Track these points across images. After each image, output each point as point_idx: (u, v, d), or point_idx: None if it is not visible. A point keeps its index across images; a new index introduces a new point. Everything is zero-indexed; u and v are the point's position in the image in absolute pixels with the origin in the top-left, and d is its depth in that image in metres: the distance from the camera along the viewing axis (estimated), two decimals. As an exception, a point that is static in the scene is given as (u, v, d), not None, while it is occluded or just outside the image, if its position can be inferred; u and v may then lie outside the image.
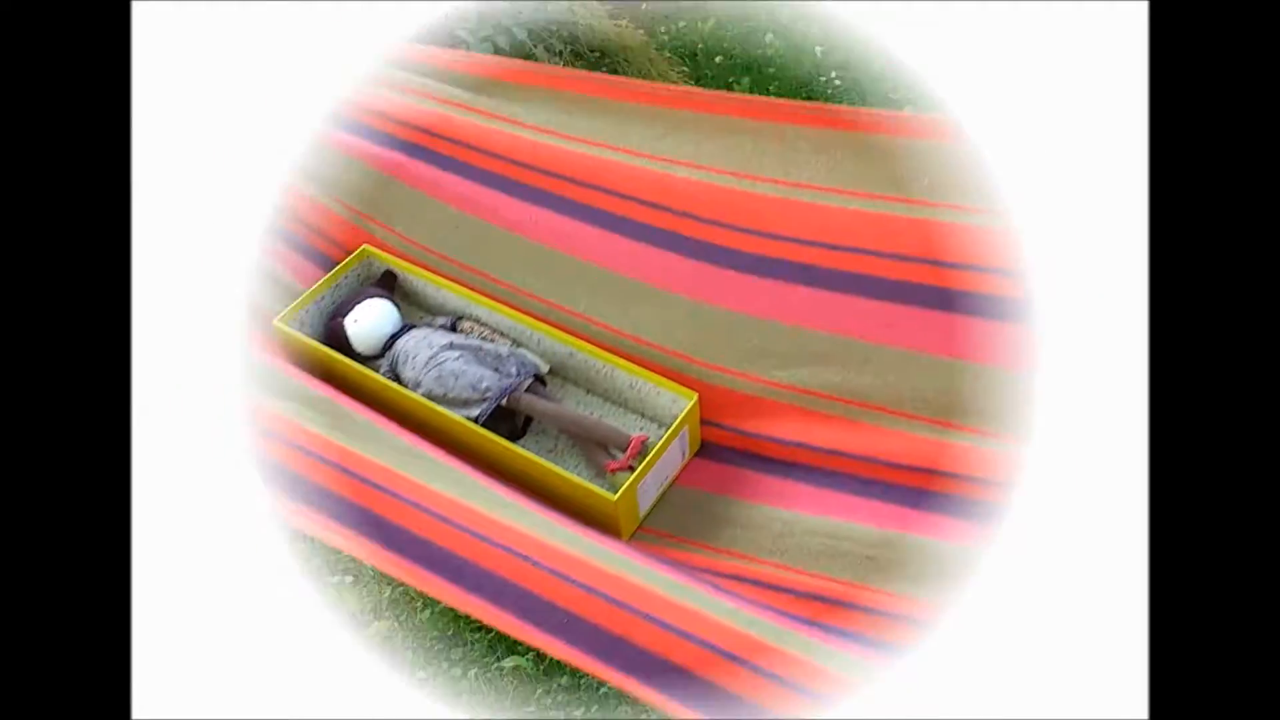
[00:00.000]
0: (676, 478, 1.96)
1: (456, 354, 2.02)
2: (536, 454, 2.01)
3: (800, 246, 1.90)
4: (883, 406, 1.80)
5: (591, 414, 2.07)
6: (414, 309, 2.31)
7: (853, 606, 1.60)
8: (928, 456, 1.74)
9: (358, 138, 2.31)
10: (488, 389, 1.97)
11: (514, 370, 2.01)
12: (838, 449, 1.83)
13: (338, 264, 2.27)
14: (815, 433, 1.85)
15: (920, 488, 1.72)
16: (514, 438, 2.03)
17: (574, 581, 1.48)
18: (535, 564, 1.51)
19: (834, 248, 1.87)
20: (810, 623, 1.55)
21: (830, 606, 1.61)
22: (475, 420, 1.95)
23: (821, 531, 1.74)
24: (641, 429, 2.05)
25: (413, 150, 2.31)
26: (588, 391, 2.12)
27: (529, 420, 2.05)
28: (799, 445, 1.86)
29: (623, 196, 2.09)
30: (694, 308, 1.99)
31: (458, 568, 1.55)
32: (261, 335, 2.17)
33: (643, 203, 2.07)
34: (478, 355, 2.03)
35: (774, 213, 1.93)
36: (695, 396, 1.93)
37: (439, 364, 2.01)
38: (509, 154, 2.20)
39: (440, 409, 1.95)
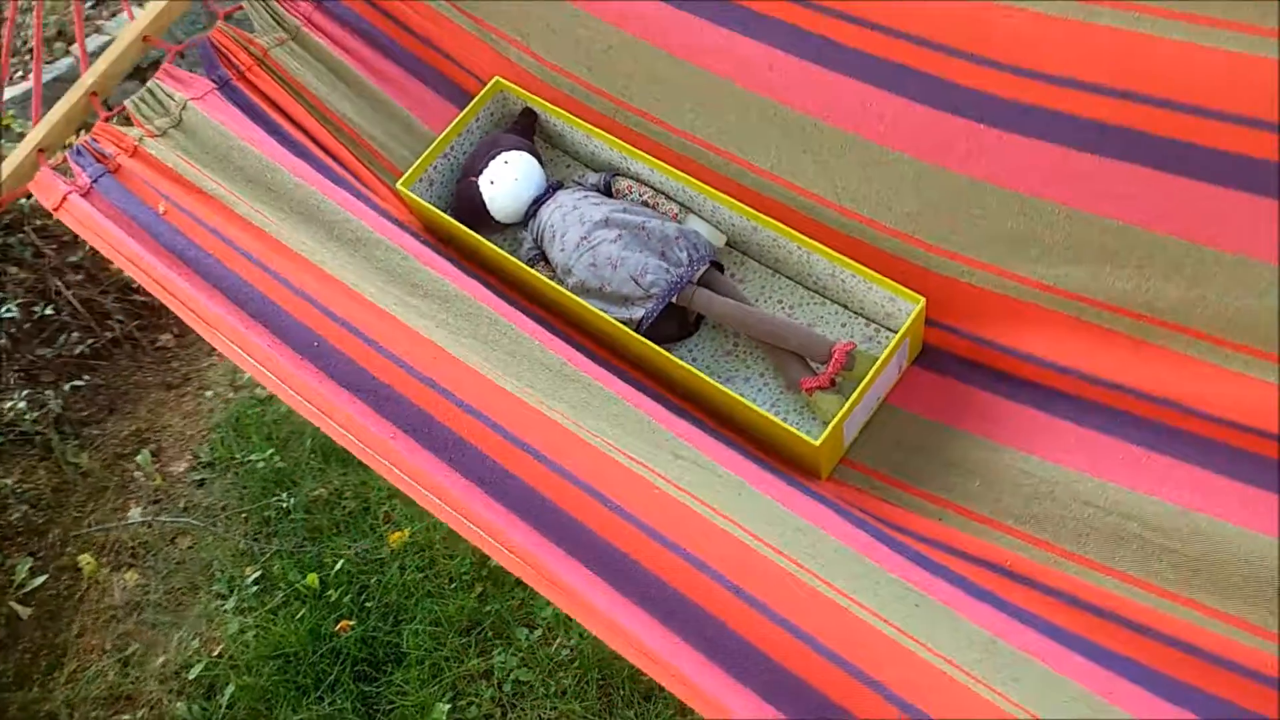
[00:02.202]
0: (889, 394, 1.54)
1: (614, 234, 1.60)
2: (711, 357, 1.62)
3: (1093, 96, 1.33)
4: (1198, 331, 1.29)
5: (781, 313, 1.64)
6: (558, 156, 1.87)
7: (1147, 632, 1.19)
8: (1263, 409, 1.24)
9: None
10: (653, 284, 1.55)
11: (684, 257, 1.58)
12: (1125, 384, 1.34)
13: (469, 98, 1.84)
14: (1093, 357, 1.37)
15: (1253, 453, 1.24)
16: (683, 335, 1.64)
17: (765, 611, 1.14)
18: (729, 587, 1.17)
19: (1143, 99, 1.30)
20: (1083, 646, 1.16)
21: (1107, 624, 1.21)
22: (637, 326, 1.56)
23: (1097, 500, 1.30)
24: (845, 328, 1.61)
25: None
26: (774, 273, 1.68)
27: (701, 316, 1.64)
28: (1068, 371, 1.39)
29: (833, 13, 1.54)
30: (925, 171, 1.48)
31: (626, 573, 1.23)
32: (387, 196, 1.81)
33: (860, 22, 1.52)
34: (639, 236, 1.60)
35: (1054, 41, 1.36)
36: (922, 301, 1.46)
37: (592, 247, 1.60)
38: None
39: (595, 308, 1.57)
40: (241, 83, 1.85)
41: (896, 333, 1.57)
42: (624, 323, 1.56)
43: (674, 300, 1.56)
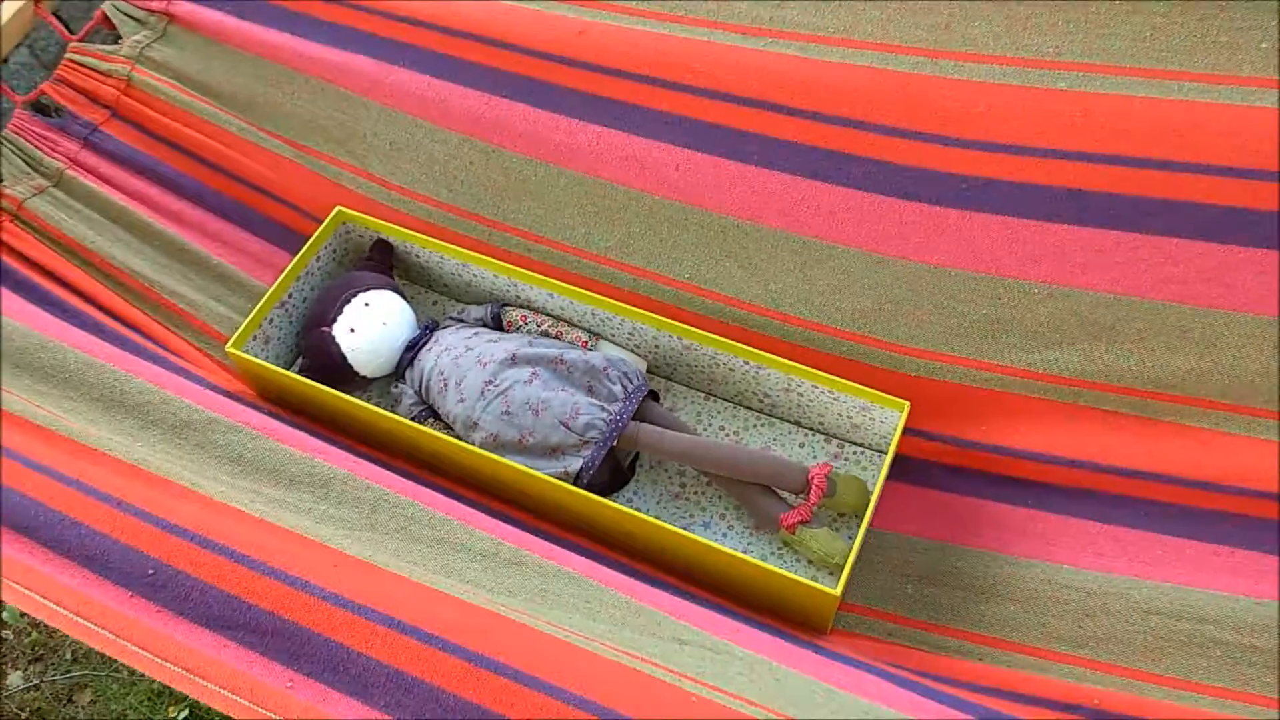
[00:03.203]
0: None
1: (526, 373, 1.31)
2: (657, 502, 1.35)
3: (1059, 162, 1.23)
4: (1214, 401, 1.19)
5: (737, 441, 1.41)
6: (423, 293, 1.57)
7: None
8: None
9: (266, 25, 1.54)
10: (588, 426, 1.28)
11: (618, 390, 1.32)
12: (1144, 469, 1.21)
13: (303, 239, 1.51)
14: (1101, 445, 1.23)
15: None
16: (620, 484, 1.36)
17: None
18: None
19: (1120, 161, 1.21)
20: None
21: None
22: (577, 479, 1.27)
23: (1158, 605, 1.14)
24: (804, 449, 1.39)
25: (379, 48, 1.54)
26: (708, 396, 1.45)
27: (635, 457, 1.38)
28: (1076, 464, 1.25)
29: (741, 101, 1.38)
30: (878, 264, 1.32)
31: None
32: (206, 365, 1.43)
33: (777, 108, 1.36)
34: (558, 371, 1.32)
35: (1004, 109, 1.25)
36: (906, 407, 1.28)
37: (502, 391, 1.31)
38: (549, 47, 1.46)
39: (517, 464, 1.26)
40: (-8, 247, 1.43)
41: (864, 446, 1.38)
42: (557, 478, 1.26)
43: (614, 444, 1.29)
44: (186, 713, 1.93)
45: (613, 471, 1.34)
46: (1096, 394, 1.23)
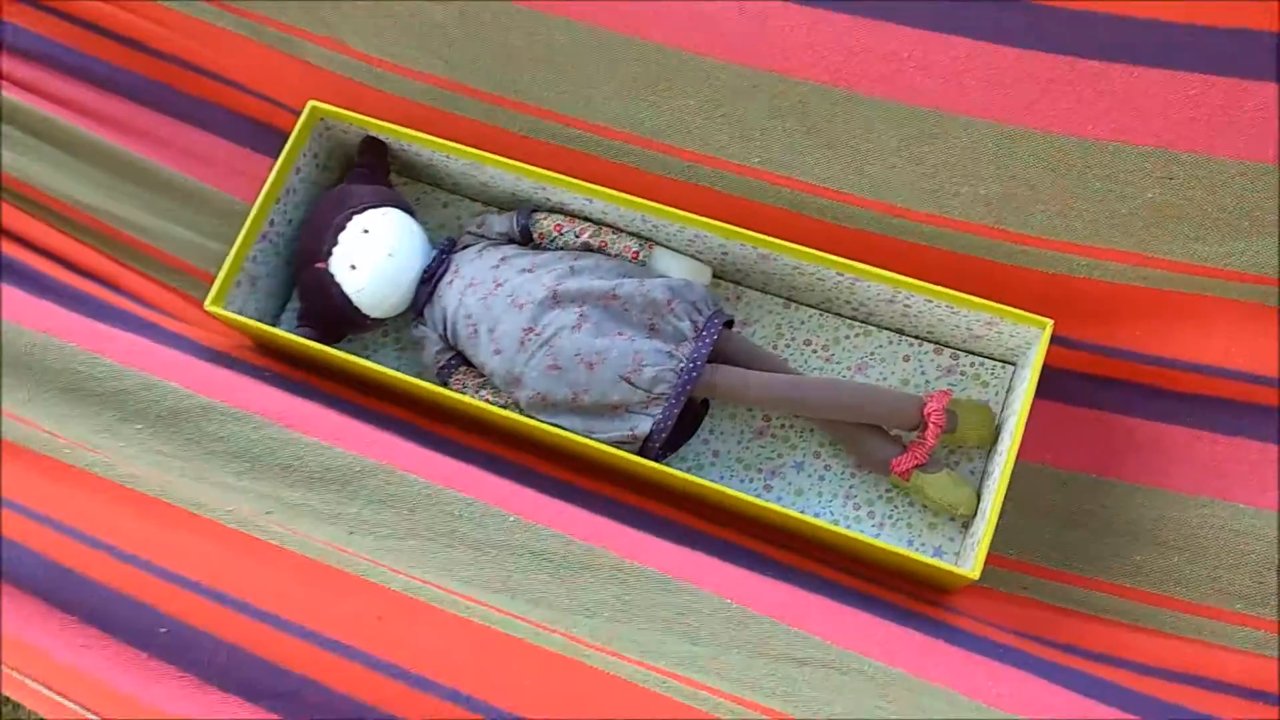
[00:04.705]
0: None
1: (573, 314, 1.07)
2: (739, 445, 1.14)
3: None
4: None
5: (814, 359, 1.17)
6: (428, 193, 1.29)
7: None
8: None
9: None
10: (656, 379, 1.04)
11: (687, 327, 1.07)
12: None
13: (281, 136, 1.22)
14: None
15: None
16: (690, 429, 1.15)
17: None
18: None
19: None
20: None
21: None
22: (648, 448, 1.05)
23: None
24: (910, 362, 1.16)
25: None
26: (788, 303, 1.20)
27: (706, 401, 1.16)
28: (1260, 380, 1.01)
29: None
30: (1005, 140, 1.03)
31: None
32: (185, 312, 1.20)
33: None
34: (612, 310, 1.07)
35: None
36: (1049, 325, 1.03)
37: (546, 341, 1.06)
38: None
39: (572, 431, 1.05)
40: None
41: (985, 356, 1.14)
42: (621, 444, 1.05)
43: (688, 397, 1.06)
44: None
45: (686, 418, 1.12)
46: (1287, 293, 0.98)
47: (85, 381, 1.03)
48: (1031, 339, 1.06)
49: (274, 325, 1.22)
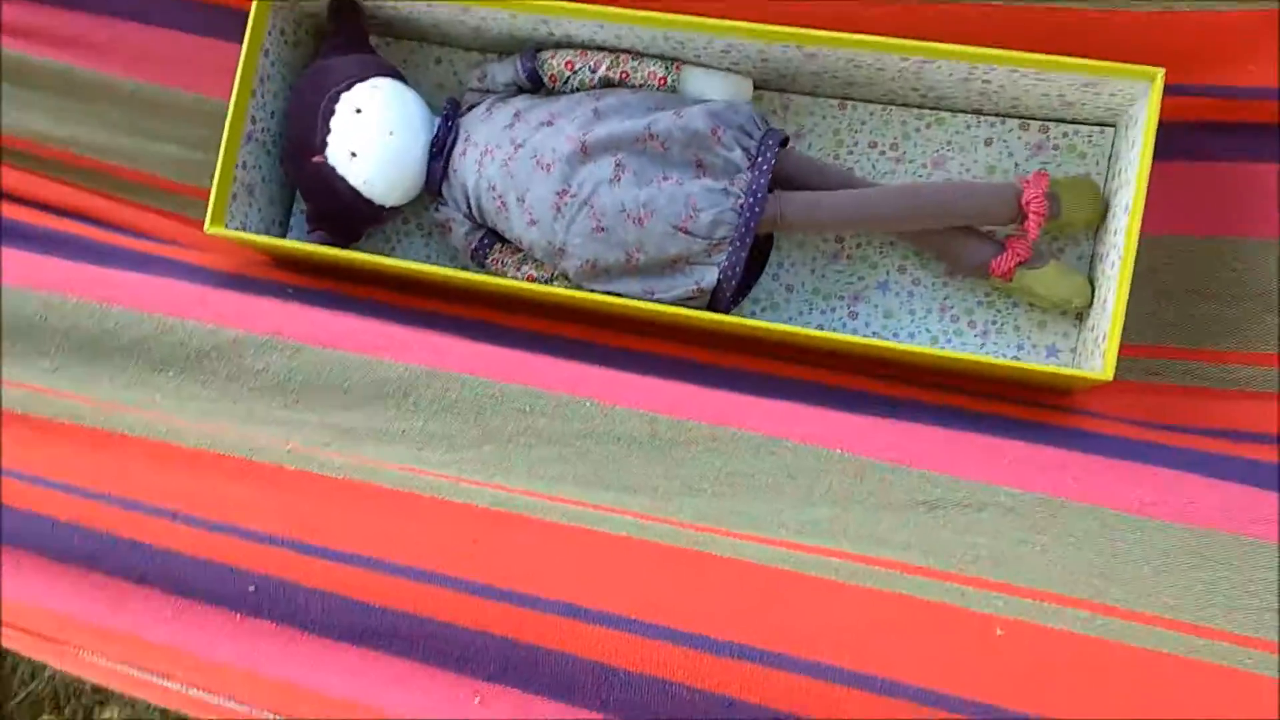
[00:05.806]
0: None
1: (609, 165, 0.94)
2: (813, 274, 1.03)
3: None
4: None
5: (883, 163, 1.03)
6: (417, 52, 1.14)
7: None
8: None
9: None
10: (715, 222, 0.92)
11: (738, 157, 0.94)
12: None
13: (235, 16, 1.07)
14: None
15: None
16: (758, 267, 1.03)
17: None
18: None
19: None
20: None
21: None
22: (718, 299, 0.95)
23: None
24: (994, 146, 1.02)
25: None
26: (843, 102, 1.05)
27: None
28: None
29: None
30: None
31: None
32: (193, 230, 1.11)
33: None
34: (651, 152, 0.94)
35: None
36: (1159, 74, 0.87)
37: (584, 201, 0.94)
38: None
39: (631, 296, 0.94)
40: None
41: (1079, 122, 0.99)
42: (688, 301, 0.94)
43: (754, 236, 0.94)
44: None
45: (754, 256, 1.00)
46: None
47: (102, 337, 0.95)
48: (1136, 94, 0.91)
49: (284, 236, 1.12)
